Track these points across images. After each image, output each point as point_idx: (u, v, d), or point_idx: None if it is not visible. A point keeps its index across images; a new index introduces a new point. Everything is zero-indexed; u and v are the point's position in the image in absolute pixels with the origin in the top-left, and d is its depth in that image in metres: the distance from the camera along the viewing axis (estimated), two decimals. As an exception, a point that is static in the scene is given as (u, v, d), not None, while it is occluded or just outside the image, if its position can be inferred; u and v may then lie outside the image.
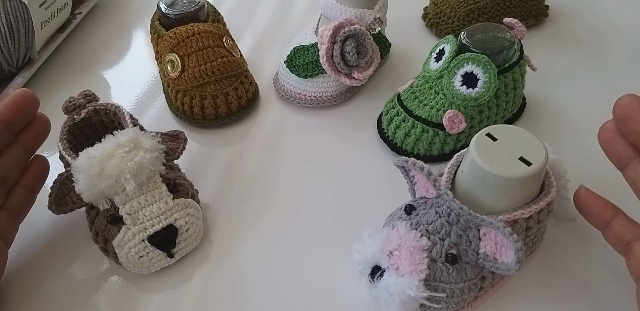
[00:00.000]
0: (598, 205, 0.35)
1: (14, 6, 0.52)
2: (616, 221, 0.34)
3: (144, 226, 0.37)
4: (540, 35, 0.60)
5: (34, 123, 0.40)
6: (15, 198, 0.40)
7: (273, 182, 0.47)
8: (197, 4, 0.50)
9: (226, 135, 0.51)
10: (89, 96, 0.43)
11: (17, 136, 0.40)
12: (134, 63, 0.60)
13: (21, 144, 0.40)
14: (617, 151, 0.33)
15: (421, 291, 0.31)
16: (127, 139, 0.38)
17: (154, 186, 0.38)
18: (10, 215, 0.39)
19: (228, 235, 0.43)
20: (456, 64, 0.43)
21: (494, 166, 0.32)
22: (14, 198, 0.40)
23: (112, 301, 0.39)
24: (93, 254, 0.41)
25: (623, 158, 0.33)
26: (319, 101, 0.52)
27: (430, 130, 0.45)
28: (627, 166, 0.33)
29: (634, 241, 0.33)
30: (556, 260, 0.39)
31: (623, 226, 0.34)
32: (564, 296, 0.37)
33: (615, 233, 0.34)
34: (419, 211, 0.35)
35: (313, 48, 0.50)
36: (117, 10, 0.67)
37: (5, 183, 0.39)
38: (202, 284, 0.40)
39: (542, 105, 0.51)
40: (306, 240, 0.42)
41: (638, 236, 0.33)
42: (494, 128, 0.34)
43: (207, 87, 0.48)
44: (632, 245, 0.33)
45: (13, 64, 0.54)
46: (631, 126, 0.32)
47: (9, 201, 0.39)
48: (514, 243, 0.30)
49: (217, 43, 0.48)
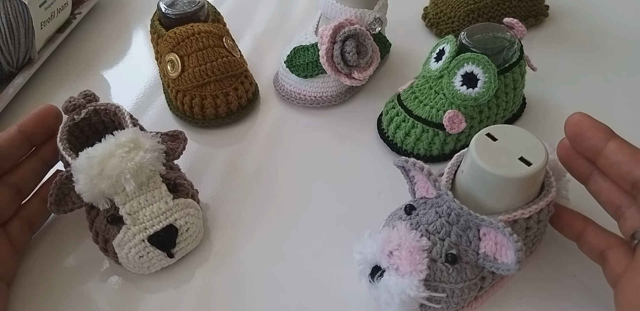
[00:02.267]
0: (569, 219, 0.36)
1: (14, 6, 0.52)
2: (587, 232, 0.35)
3: (144, 226, 0.37)
4: (540, 35, 0.60)
5: (55, 137, 0.41)
6: (30, 208, 0.41)
7: (273, 182, 0.47)
8: (197, 4, 0.50)
9: (226, 135, 0.51)
10: (89, 96, 0.43)
11: (37, 148, 0.42)
12: (134, 63, 0.60)
13: (41, 157, 0.42)
14: (576, 167, 0.35)
15: (421, 291, 0.31)
16: (127, 139, 0.38)
17: (154, 186, 0.38)
18: (24, 224, 0.40)
19: (228, 235, 0.43)
20: (456, 64, 0.43)
21: (494, 166, 0.32)
22: (29, 208, 0.41)
23: (112, 301, 0.39)
24: (93, 255, 0.41)
25: (583, 173, 0.35)
26: (319, 101, 0.52)
27: (430, 130, 0.45)
28: (588, 180, 0.35)
29: (607, 250, 0.33)
30: (556, 260, 0.39)
31: (594, 236, 0.35)
32: (564, 297, 0.38)
33: (588, 244, 0.35)
34: (419, 211, 0.35)
35: (313, 48, 0.50)
36: (117, 10, 0.67)
37: (20, 192, 0.40)
38: (202, 284, 0.40)
39: (542, 105, 0.51)
40: (306, 240, 0.42)
41: (610, 245, 0.34)
42: (494, 128, 0.34)
43: (207, 87, 0.48)
44: (605, 254, 0.33)
45: (13, 64, 0.54)
46: (583, 144, 0.33)
47: (24, 210, 0.40)
48: (514, 243, 0.30)
49: (217, 43, 0.48)
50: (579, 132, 0.33)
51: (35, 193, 0.42)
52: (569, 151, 0.35)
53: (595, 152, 0.33)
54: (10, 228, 0.39)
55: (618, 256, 0.33)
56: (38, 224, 0.42)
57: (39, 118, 0.40)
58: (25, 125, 0.40)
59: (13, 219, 0.39)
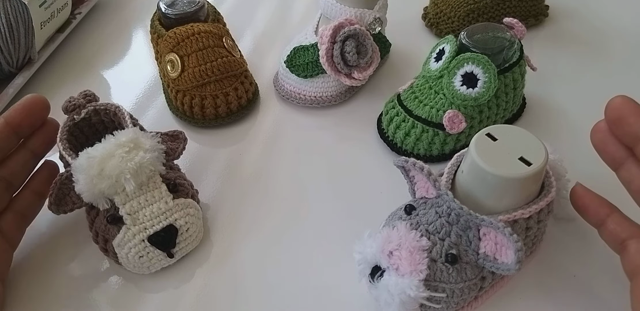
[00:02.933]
0: (594, 203, 0.35)
1: (14, 6, 0.52)
2: (611, 219, 0.34)
3: (144, 226, 0.37)
4: (540, 35, 0.60)
5: (43, 128, 0.41)
6: (22, 201, 0.40)
7: (273, 182, 0.46)
8: (197, 4, 0.50)
9: (226, 135, 0.51)
10: (89, 96, 0.43)
11: (26, 140, 0.40)
12: (134, 63, 0.60)
13: (29, 149, 0.40)
14: (610, 152, 0.33)
15: (421, 291, 0.31)
16: (127, 139, 0.38)
17: (154, 186, 0.38)
18: (17, 218, 0.39)
19: (228, 235, 0.43)
20: (456, 64, 0.43)
21: (494, 166, 0.32)
22: (20, 201, 0.40)
23: (112, 301, 0.39)
24: (93, 255, 0.41)
25: (616, 159, 0.33)
26: (319, 101, 0.52)
27: (430, 130, 0.45)
28: (620, 167, 0.33)
29: (628, 240, 0.33)
30: (556, 260, 0.39)
31: (618, 224, 0.34)
32: (564, 297, 0.38)
33: (610, 231, 0.34)
34: (419, 211, 0.35)
35: (313, 48, 0.50)
36: (117, 10, 0.67)
37: (11, 185, 0.39)
38: (202, 284, 0.40)
39: (542, 105, 0.51)
40: (306, 240, 0.42)
41: (632, 235, 0.33)
42: (494, 128, 0.34)
43: (207, 87, 0.48)
44: (626, 243, 0.33)
45: (13, 64, 0.54)
46: (624, 129, 0.32)
47: (16, 204, 0.40)
48: (514, 243, 0.30)
49: (217, 43, 0.48)
50: (620, 116, 0.31)
51: (26, 185, 0.41)
52: (603, 134, 0.33)
53: (635, 138, 0.31)
54: (1, 222, 0.38)
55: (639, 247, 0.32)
56: (30, 217, 0.41)
57: (25, 109, 0.39)
58: (11, 117, 0.38)
59: (5, 213, 0.39)
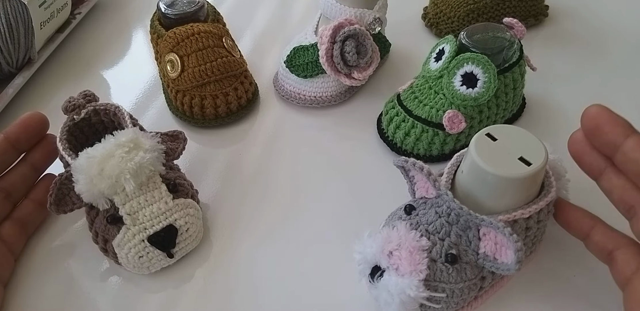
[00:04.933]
0: (575, 216, 0.35)
1: (14, 6, 0.52)
2: (595, 231, 0.34)
3: (144, 226, 0.37)
4: (540, 35, 0.60)
5: (43, 143, 0.43)
6: (22, 210, 0.41)
7: (273, 182, 0.46)
8: (197, 4, 0.50)
9: (226, 135, 0.51)
10: (88, 96, 0.43)
11: (26, 154, 0.42)
12: (134, 63, 0.60)
13: (29, 162, 0.42)
14: (588, 162, 0.33)
15: (421, 291, 0.31)
16: (127, 139, 0.38)
17: (153, 186, 0.38)
18: (17, 225, 0.41)
19: (228, 235, 0.43)
20: (456, 64, 0.43)
21: (494, 166, 0.32)
22: (21, 210, 0.41)
23: (112, 301, 0.39)
24: (93, 255, 0.41)
25: (595, 169, 0.33)
26: (319, 101, 0.52)
27: (430, 130, 0.45)
28: (600, 176, 0.33)
29: (615, 250, 0.33)
30: (556, 260, 0.39)
31: (603, 235, 0.34)
32: (564, 296, 0.37)
33: (595, 243, 0.34)
34: (418, 211, 0.35)
35: (313, 48, 0.50)
36: (117, 10, 0.67)
37: (10, 196, 0.41)
38: (202, 284, 0.40)
39: (542, 105, 0.51)
40: (306, 240, 0.42)
41: (619, 245, 0.33)
42: (494, 128, 0.34)
43: (207, 87, 0.48)
44: (614, 254, 0.33)
45: (13, 64, 0.54)
46: (601, 138, 0.31)
47: (16, 212, 0.41)
48: (514, 243, 0.30)
49: (217, 43, 0.48)
50: (597, 125, 0.31)
51: (27, 195, 0.42)
52: (582, 144, 0.32)
53: (612, 147, 0.30)
54: (2, 230, 0.40)
55: (627, 257, 0.32)
56: (32, 226, 0.42)
57: (23, 125, 0.41)
58: (9, 132, 0.41)
59: (5, 221, 0.40)
